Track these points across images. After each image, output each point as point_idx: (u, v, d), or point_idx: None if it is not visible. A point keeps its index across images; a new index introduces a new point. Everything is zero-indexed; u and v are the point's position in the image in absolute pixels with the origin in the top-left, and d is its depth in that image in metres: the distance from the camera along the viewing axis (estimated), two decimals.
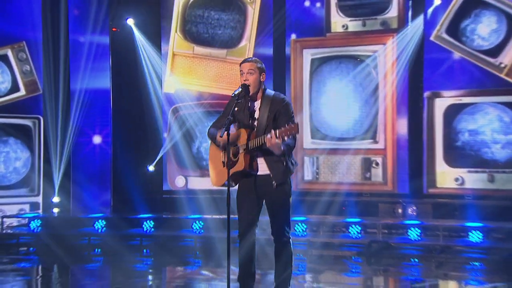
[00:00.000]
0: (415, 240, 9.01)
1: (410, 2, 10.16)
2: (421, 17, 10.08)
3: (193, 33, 11.15)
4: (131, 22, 11.27)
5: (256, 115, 5.27)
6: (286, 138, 4.88)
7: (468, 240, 8.80)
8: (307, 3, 10.64)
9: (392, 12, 10.23)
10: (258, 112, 5.27)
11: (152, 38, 11.28)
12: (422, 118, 10.09)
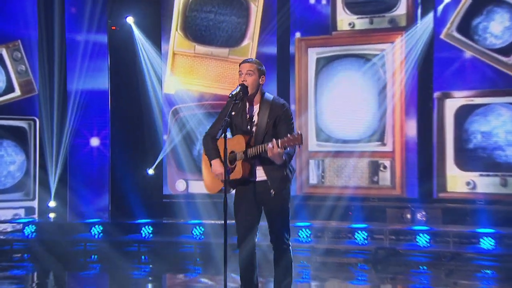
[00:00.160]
0: (424, 246, 8.92)
1: None
2: (431, 14, 9.94)
3: (194, 31, 11.05)
4: (130, 20, 11.09)
5: (255, 120, 5.10)
6: (288, 148, 4.78)
7: (479, 247, 8.70)
8: (312, 0, 10.52)
9: (401, 9, 10.11)
10: (256, 117, 5.11)
11: (152, 36, 11.14)
12: (432, 120, 9.95)
